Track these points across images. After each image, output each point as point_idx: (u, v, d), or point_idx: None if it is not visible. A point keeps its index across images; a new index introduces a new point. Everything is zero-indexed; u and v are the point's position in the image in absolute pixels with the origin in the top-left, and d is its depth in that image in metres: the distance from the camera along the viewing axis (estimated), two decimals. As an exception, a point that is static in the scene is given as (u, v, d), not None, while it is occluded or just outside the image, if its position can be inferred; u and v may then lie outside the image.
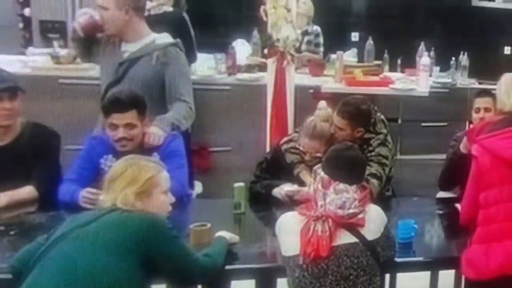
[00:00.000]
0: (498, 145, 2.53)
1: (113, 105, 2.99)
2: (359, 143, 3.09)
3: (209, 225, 2.60)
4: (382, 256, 2.38)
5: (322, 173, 2.39)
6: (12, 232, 2.68)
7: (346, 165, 2.40)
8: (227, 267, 2.45)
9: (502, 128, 2.56)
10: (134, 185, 2.28)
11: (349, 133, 3.09)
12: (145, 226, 2.16)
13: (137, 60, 3.39)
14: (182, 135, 3.34)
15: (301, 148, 3.20)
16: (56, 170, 3.13)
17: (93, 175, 3.03)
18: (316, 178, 2.40)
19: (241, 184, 3.07)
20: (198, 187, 4.61)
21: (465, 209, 2.55)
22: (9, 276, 2.23)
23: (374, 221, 2.38)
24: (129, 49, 3.43)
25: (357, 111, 3.13)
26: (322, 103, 3.37)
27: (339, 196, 2.33)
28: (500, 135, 2.56)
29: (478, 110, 3.57)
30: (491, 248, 2.44)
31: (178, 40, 3.54)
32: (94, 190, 2.83)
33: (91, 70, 4.39)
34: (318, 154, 3.10)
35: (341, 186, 2.35)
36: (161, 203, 2.37)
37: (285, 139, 3.38)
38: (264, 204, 3.17)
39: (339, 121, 3.11)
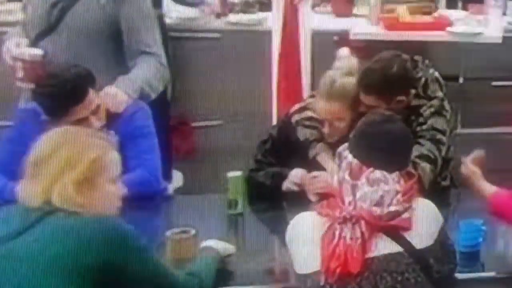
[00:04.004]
0: None
1: (73, 97, 2.96)
2: (404, 114, 3.09)
3: (193, 231, 2.63)
4: (437, 272, 2.40)
5: (350, 157, 2.41)
6: None
7: (384, 144, 2.41)
8: (219, 290, 2.49)
9: None
10: (73, 170, 2.24)
11: (385, 108, 3.07)
12: (101, 237, 2.16)
13: None
14: (156, 103, 3.35)
15: (317, 116, 3.20)
16: None
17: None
18: (341, 164, 2.43)
19: (238, 173, 3.11)
20: (177, 179, 4.64)
21: None
22: None
23: (424, 222, 2.40)
24: None
25: (385, 80, 3.10)
26: (344, 50, 3.36)
27: (375, 189, 2.35)
28: None
29: None
30: None
31: None
32: None
33: (19, 13, 4.35)
34: (341, 124, 3.12)
35: (378, 174, 2.37)
36: (108, 196, 2.33)
37: (297, 106, 3.39)
38: (269, 201, 3.21)
39: (364, 98, 3.09)
